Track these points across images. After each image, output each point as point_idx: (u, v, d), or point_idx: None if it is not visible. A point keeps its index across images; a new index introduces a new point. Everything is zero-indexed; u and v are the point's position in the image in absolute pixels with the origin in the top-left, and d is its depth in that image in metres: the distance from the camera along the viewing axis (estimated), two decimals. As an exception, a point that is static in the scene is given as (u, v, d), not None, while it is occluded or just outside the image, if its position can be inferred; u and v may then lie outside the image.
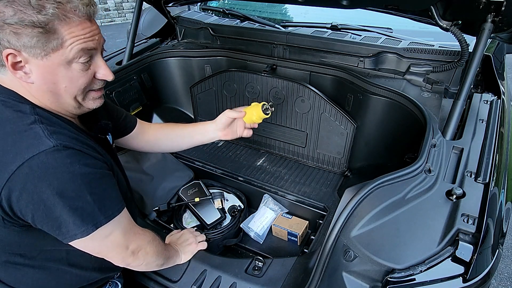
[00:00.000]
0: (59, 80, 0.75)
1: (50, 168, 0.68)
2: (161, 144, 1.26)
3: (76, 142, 0.74)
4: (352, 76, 1.66)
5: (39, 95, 0.77)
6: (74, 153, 0.71)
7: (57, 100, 0.79)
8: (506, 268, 2.13)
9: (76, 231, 0.73)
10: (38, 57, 0.71)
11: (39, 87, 0.75)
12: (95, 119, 0.98)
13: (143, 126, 1.24)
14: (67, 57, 0.73)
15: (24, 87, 0.76)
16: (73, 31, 0.71)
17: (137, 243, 0.89)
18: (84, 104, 0.83)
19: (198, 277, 1.05)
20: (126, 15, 8.17)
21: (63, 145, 0.69)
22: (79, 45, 0.73)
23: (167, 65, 2.09)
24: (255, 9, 2.47)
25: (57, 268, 0.89)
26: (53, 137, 0.69)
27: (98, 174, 0.75)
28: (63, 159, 0.69)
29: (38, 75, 0.73)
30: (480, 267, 0.79)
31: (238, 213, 1.63)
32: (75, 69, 0.76)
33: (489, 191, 0.95)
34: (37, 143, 0.68)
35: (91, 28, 0.75)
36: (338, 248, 0.89)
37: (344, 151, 1.75)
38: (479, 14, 1.22)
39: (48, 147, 0.68)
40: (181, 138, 1.26)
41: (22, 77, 0.73)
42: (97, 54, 0.80)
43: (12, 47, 0.68)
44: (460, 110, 1.22)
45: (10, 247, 0.82)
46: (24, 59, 0.70)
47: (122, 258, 0.87)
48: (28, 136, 0.69)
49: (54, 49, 0.71)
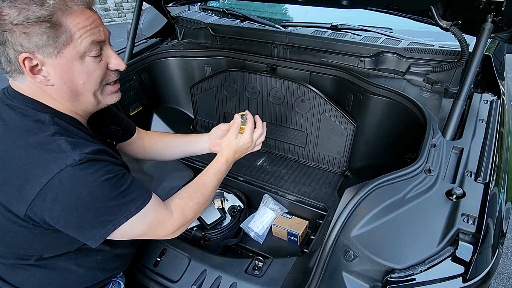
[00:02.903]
0: (77, 77, 0.78)
1: (79, 180, 0.71)
2: (155, 153, 1.29)
3: (96, 150, 0.77)
4: (352, 76, 1.66)
5: (59, 96, 0.79)
6: (96, 163, 0.74)
7: (77, 99, 0.81)
8: (506, 268, 2.13)
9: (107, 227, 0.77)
10: (52, 56, 0.72)
11: (59, 88, 0.77)
12: (104, 124, 1.00)
13: (140, 132, 1.26)
14: (79, 50, 0.75)
15: (44, 91, 0.78)
16: (78, 22, 0.73)
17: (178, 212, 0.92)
18: (103, 100, 0.87)
19: (198, 277, 1.05)
20: (126, 15, 8.17)
21: (87, 158, 0.73)
22: (88, 37, 0.75)
23: (167, 65, 2.09)
24: (255, 9, 2.47)
25: (64, 268, 0.90)
26: (76, 151, 0.72)
27: (120, 174, 0.79)
28: (88, 170, 0.72)
29: (56, 75, 0.75)
30: (480, 267, 0.79)
31: (238, 213, 1.63)
32: (89, 62, 0.78)
33: (489, 191, 0.95)
34: (64, 156, 0.71)
35: (93, 18, 0.77)
36: (338, 248, 0.89)
37: (344, 151, 1.75)
38: (479, 14, 1.22)
39: (74, 161, 0.71)
40: (174, 148, 1.29)
41: (42, 81, 0.75)
42: (106, 46, 0.82)
43: (26, 50, 0.70)
44: (460, 110, 1.22)
45: (25, 249, 0.83)
46: (40, 61, 0.72)
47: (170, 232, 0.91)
48: (53, 150, 0.72)
49: (65, 44, 0.73)
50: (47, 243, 0.82)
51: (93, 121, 0.96)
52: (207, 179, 1.05)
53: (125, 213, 0.78)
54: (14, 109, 0.76)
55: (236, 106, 1.95)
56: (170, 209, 0.92)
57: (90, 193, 0.72)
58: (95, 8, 0.80)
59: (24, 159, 0.71)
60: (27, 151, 0.72)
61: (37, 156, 0.71)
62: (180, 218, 0.93)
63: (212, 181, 1.06)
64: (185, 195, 0.98)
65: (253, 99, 1.87)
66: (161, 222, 0.88)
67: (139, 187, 0.83)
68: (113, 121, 1.10)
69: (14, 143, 0.73)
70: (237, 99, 1.93)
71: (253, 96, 1.86)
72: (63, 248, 0.87)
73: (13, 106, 0.77)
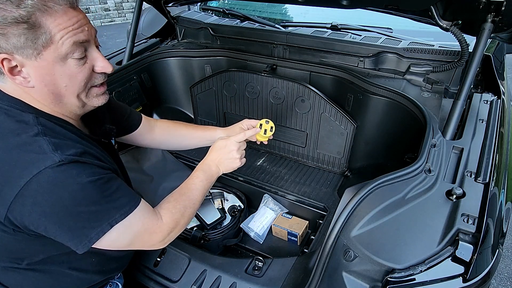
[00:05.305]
0: (58, 80, 0.74)
1: (58, 182, 0.68)
2: (168, 144, 1.29)
3: (80, 152, 0.73)
4: (352, 76, 1.66)
5: (42, 98, 0.76)
6: (79, 165, 0.71)
7: (60, 101, 0.78)
8: (506, 268, 2.13)
9: (91, 234, 0.73)
10: (31, 58, 0.69)
11: (40, 90, 0.74)
12: (99, 122, 0.97)
13: (149, 123, 1.23)
14: (60, 52, 0.71)
15: (27, 92, 0.75)
16: (59, 23, 0.69)
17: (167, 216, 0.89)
18: (88, 102, 0.83)
19: (198, 277, 1.05)
20: (126, 15, 8.17)
21: (68, 160, 0.69)
22: (69, 38, 0.71)
23: (167, 65, 2.09)
24: (255, 9, 2.47)
25: (58, 271, 0.88)
26: (57, 152, 0.69)
27: (105, 178, 0.75)
28: (70, 172, 0.69)
29: (36, 77, 0.72)
30: (480, 267, 0.79)
31: (238, 213, 1.63)
32: (71, 65, 0.74)
33: (489, 191, 0.95)
34: (43, 158, 0.68)
35: (77, 18, 0.72)
36: (338, 248, 0.89)
37: (344, 151, 1.75)
38: (479, 14, 1.22)
39: (54, 162, 0.68)
40: (188, 140, 1.29)
41: (22, 82, 0.72)
42: (91, 47, 0.78)
43: (3, 51, 0.67)
44: (460, 110, 1.22)
45: (14, 253, 0.82)
46: (19, 62, 0.70)
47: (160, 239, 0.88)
48: (32, 151, 0.69)
49: (45, 46, 0.69)
50: (34, 248, 0.80)
51: (88, 120, 0.93)
52: (191, 181, 1.01)
53: (109, 219, 0.74)
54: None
55: (236, 106, 1.95)
56: (159, 215, 0.88)
57: (71, 197, 0.69)
58: (95, 8, 0.77)
59: (3, 160, 0.69)
60: (7, 153, 0.69)
61: (16, 157, 0.68)
62: (169, 222, 0.89)
63: (196, 183, 1.01)
64: (171, 198, 0.95)
65: (253, 99, 1.87)
66: (149, 230, 0.84)
67: (126, 193, 0.79)
68: (113, 117, 1.07)
69: None
70: (237, 99, 1.93)
71: (253, 96, 1.86)
72: (53, 252, 0.84)
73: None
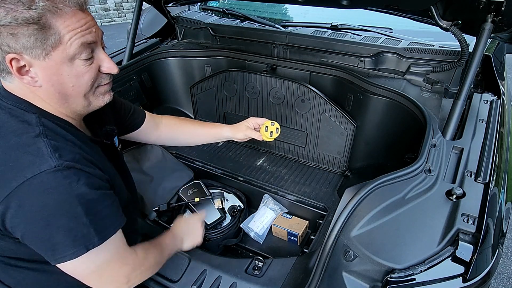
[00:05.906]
0: (65, 80, 0.75)
1: (48, 189, 0.67)
2: (174, 141, 1.30)
3: (78, 157, 0.73)
4: (352, 76, 1.66)
5: (48, 98, 0.77)
6: (74, 173, 0.70)
7: (66, 101, 0.78)
8: (506, 268, 2.13)
9: (65, 253, 0.71)
10: (40, 58, 0.70)
11: (47, 90, 0.75)
12: (100, 123, 0.97)
13: (154, 120, 1.23)
14: (68, 53, 0.72)
15: (33, 92, 0.76)
16: (68, 24, 0.70)
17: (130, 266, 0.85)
18: (94, 101, 0.83)
19: (198, 277, 1.05)
20: (126, 15, 8.16)
21: (64, 165, 0.68)
22: (78, 40, 0.72)
23: (167, 65, 2.09)
24: (255, 9, 2.47)
25: (55, 271, 0.86)
26: (55, 156, 0.69)
27: (96, 195, 0.74)
28: (62, 180, 0.68)
29: (44, 77, 0.73)
30: (480, 267, 0.79)
31: (238, 213, 1.63)
32: (78, 65, 0.75)
33: (489, 191, 0.95)
34: (39, 161, 0.67)
35: (86, 19, 0.74)
36: (338, 248, 0.89)
37: (344, 151, 1.75)
38: (479, 14, 1.22)
39: (50, 167, 0.67)
40: (196, 137, 1.30)
41: (29, 82, 0.73)
42: (98, 48, 0.79)
43: (13, 51, 0.68)
44: (460, 110, 1.22)
45: (8, 252, 0.81)
46: (27, 62, 0.70)
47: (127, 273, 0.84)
48: (31, 153, 0.69)
49: (54, 46, 0.70)
50: (24, 250, 0.79)
51: (89, 121, 0.93)
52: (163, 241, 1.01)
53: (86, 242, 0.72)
54: (3, 109, 0.75)
55: (236, 106, 1.95)
56: (133, 248, 0.87)
57: (55, 205, 0.67)
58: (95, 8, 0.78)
59: (1, 160, 0.68)
60: (5, 153, 0.69)
61: (13, 158, 0.68)
62: (142, 257, 0.87)
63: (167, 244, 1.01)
64: (147, 244, 0.94)
65: (253, 99, 1.87)
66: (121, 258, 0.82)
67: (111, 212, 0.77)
68: (116, 115, 1.06)
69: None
70: (237, 99, 1.93)
71: (253, 96, 1.86)
72: None
73: (2, 105, 0.75)
